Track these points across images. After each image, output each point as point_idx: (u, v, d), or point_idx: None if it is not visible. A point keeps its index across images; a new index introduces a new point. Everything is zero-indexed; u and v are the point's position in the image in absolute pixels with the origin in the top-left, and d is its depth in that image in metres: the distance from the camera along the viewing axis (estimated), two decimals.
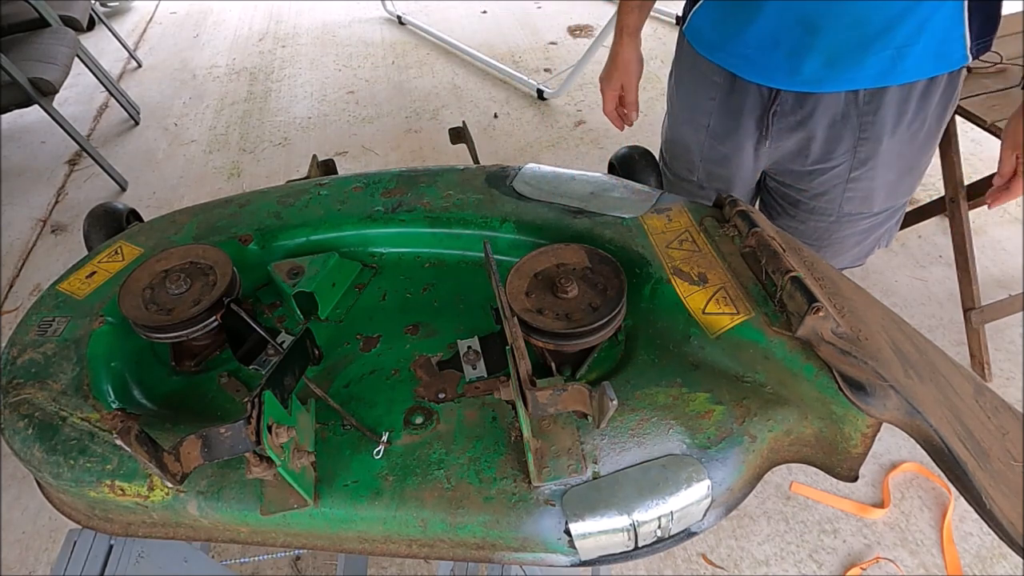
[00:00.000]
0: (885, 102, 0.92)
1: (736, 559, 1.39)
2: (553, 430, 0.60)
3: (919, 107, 0.93)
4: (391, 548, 0.61)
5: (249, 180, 2.66)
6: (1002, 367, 1.68)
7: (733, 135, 1.05)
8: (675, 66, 1.14)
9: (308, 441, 0.60)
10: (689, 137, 1.14)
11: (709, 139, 1.10)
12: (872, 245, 1.15)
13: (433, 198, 0.85)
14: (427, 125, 2.85)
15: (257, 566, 1.43)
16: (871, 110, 0.93)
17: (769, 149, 1.04)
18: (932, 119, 0.95)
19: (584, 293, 0.66)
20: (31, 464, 0.65)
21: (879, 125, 0.94)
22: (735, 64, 0.98)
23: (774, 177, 1.11)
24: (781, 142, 1.02)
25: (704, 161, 1.13)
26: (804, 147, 1.01)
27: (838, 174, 1.01)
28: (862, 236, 1.12)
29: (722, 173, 1.12)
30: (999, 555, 1.36)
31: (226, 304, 0.72)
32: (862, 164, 0.99)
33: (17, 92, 2.28)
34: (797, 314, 0.60)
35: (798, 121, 0.97)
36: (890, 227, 1.13)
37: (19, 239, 2.47)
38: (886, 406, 0.56)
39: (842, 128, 0.96)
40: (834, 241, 1.12)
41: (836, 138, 0.97)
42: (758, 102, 0.99)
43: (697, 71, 1.06)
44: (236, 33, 3.94)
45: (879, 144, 0.96)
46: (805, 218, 1.10)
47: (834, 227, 1.09)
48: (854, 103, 0.93)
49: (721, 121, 1.06)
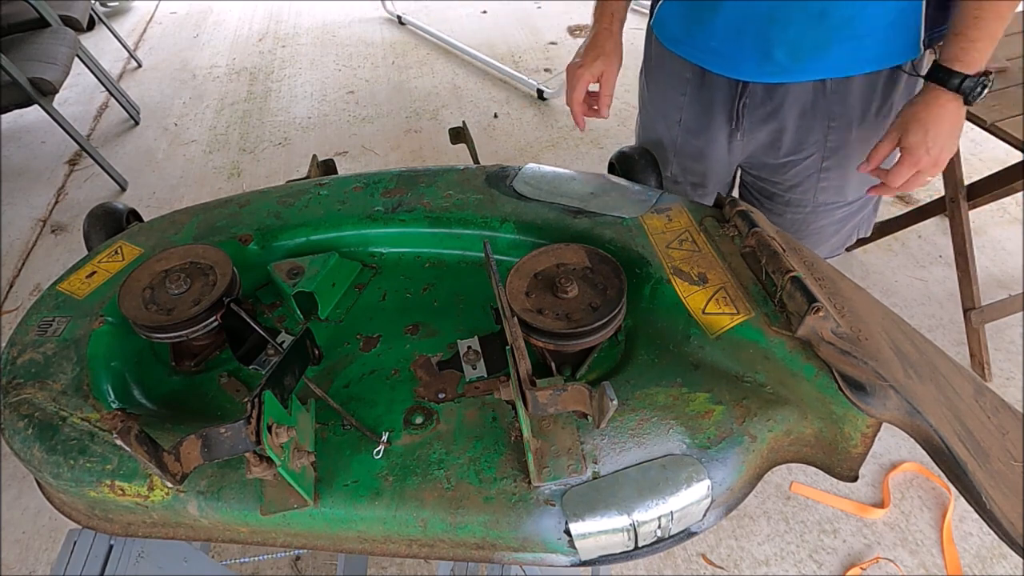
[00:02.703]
0: (851, 91, 0.94)
1: (736, 559, 1.39)
2: (553, 430, 0.60)
3: (884, 95, 0.95)
4: (391, 548, 0.61)
5: (249, 180, 2.66)
6: (1002, 367, 1.68)
7: (706, 129, 1.07)
8: (645, 63, 1.15)
9: (308, 441, 0.60)
10: (662, 132, 1.15)
11: (683, 133, 1.11)
12: (850, 233, 1.17)
13: (433, 198, 0.85)
14: (427, 125, 2.85)
15: (257, 566, 1.43)
16: (838, 99, 0.95)
17: (742, 142, 1.06)
18: (898, 106, 0.98)
19: (584, 293, 0.66)
20: (31, 464, 0.65)
21: (847, 114, 0.96)
22: (702, 58, 1.00)
23: (749, 171, 1.14)
24: (753, 134, 1.04)
25: (678, 156, 1.15)
26: (776, 139, 1.03)
27: (811, 164, 1.04)
28: (839, 225, 1.14)
29: (696, 167, 1.14)
30: (999, 555, 1.36)
31: (226, 304, 0.72)
32: (833, 153, 1.01)
33: (17, 92, 2.28)
34: (797, 314, 0.60)
35: (768, 113, 0.99)
36: (867, 214, 1.16)
37: (19, 239, 2.47)
38: (886, 406, 0.56)
39: (812, 118, 0.98)
40: (812, 232, 1.14)
41: (807, 128, 0.99)
42: (728, 95, 1.00)
43: (667, 67, 1.08)
44: (236, 33, 3.93)
45: (848, 133, 0.98)
46: (782, 211, 1.13)
47: (811, 218, 1.11)
48: (822, 93, 0.95)
49: (693, 115, 1.07)
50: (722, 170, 1.13)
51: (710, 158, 1.11)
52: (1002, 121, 1.41)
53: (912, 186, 0.90)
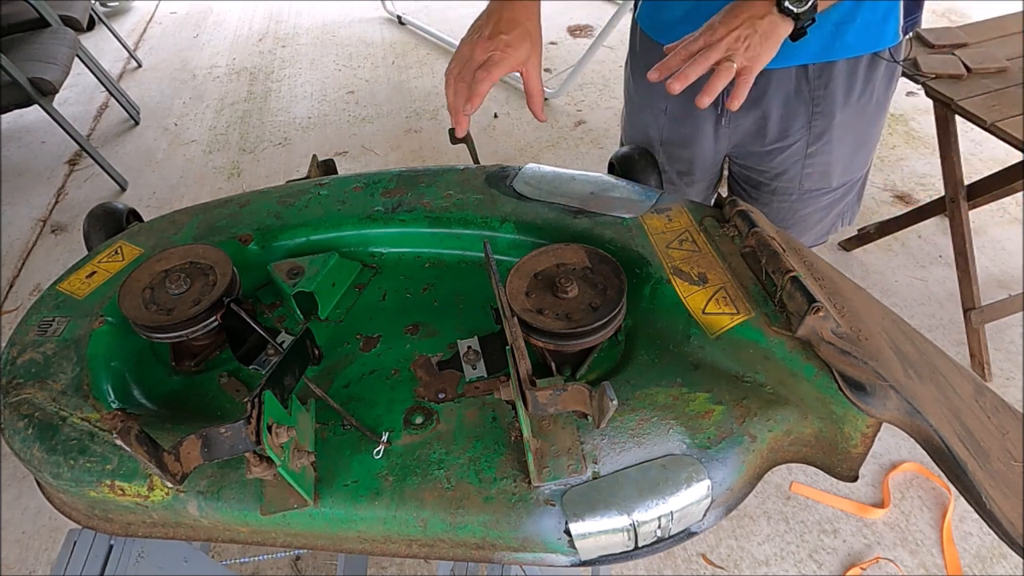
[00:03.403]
0: (834, 76, 0.96)
1: (736, 559, 1.39)
2: (553, 430, 0.60)
3: (866, 79, 0.98)
4: (391, 548, 0.61)
5: (249, 180, 2.66)
6: (1002, 367, 1.68)
7: (692, 116, 1.09)
8: (630, 55, 1.17)
9: (308, 441, 0.60)
10: (648, 121, 1.16)
11: (669, 121, 1.13)
12: (834, 221, 1.19)
13: (433, 198, 0.85)
14: (427, 125, 2.85)
15: (257, 566, 1.43)
16: (821, 84, 0.97)
17: (728, 129, 1.08)
18: (879, 91, 1.00)
19: (584, 293, 0.66)
20: (31, 464, 0.65)
21: (830, 99, 0.98)
22: None
23: (736, 161, 1.15)
24: (739, 122, 1.05)
25: (664, 144, 1.16)
26: (761, 126, 1.04)
27: (796, 151, 1.05)
28: (824, 212, 1.16)
29: (683, 155, 1.15)
30: (999, 555, 1.36)
31: (226, 304, 0.72)
32: (818, 139, 1.03)
33: (17, 92, 2.28)
34: (797, 314, 0.60)
35: (752, 99, 1.00)
36: (850, 202, 1.17)
37: (19, 239, 2.47)
38: (886, 406, 0.56)
39: (796, 104, 1.00)
40: (798, 220, 1.16)
41: (791, 114, 1.01)
42: None
43: (652, 57, 1.08)
44: (236, 33, 3.94)
45: (832, 118, 1.00)
46: (768, 199, 1.14)
47: (797, 205, 1.13)
48: (805, 78, 0.97)
49: (679, 103, 1.09)
50: (709, 158, 1.15)
51: (697, 146, 1.12)
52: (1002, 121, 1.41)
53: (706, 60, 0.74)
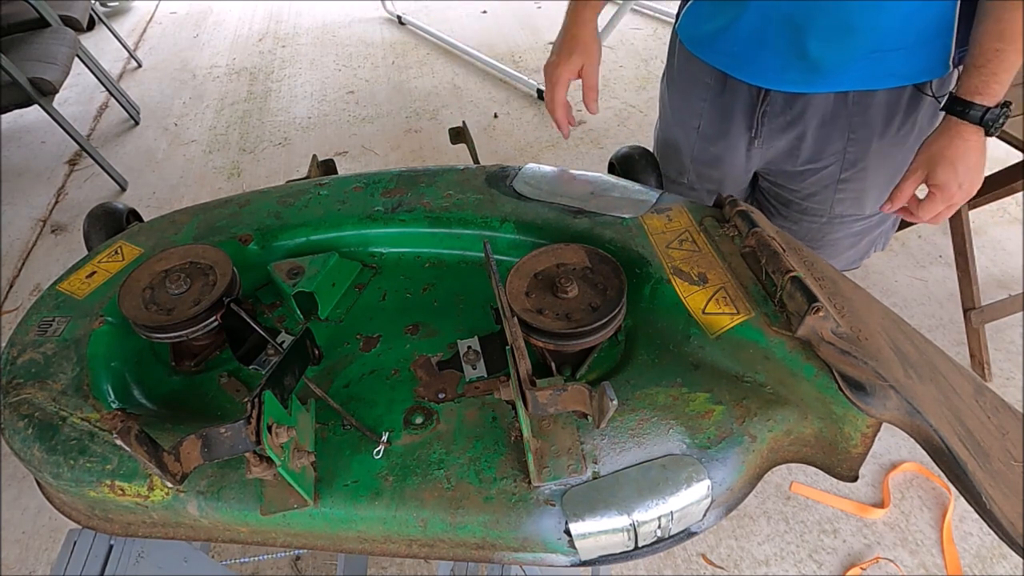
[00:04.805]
0: (873, 104, 0.92)
1: (736, 559, 1.39)
2: (553, 430, 0.60)
3: (908, 111, 0.93)
4: (391, 548, 0.61)
5: (249, 180, 2.66)
6: (1002, 367, 1.68)
7: (724, 136, 1.05)
8: (668, 67, 1.14)
9: (308, 441, 0.60)
10: (680, 138, 1.13)
11: (700, 141, 1.10)
12: (867, 248, 1.15)
13: (433, 198, 0.85)
14: (427, 125, 2.85)
15: (257, 566, 1.43)
16: (859, 111, 0.93)
17: (761, 149, 1.04)
18: (922, 124, 0.95)
19: (584, 293, 0.66)
20: (31, 464, 0.65)
21: (868, 127, 0.94)
22: (724, 62, 0.98)
23: (766, 177, 1.12)
24: (772, 142, 1.02)
25: (695, 163, 1.13)
26: (795, 147, 1.01)
27: (829, 175, 1.02)
28: (855, 239, 1.12)
29: (712, 174, 1.12)
30: (999, 555, 1.36)
31: (226, 304, 0.72)
32: (852, 166, 0.99)
33: (17, 92, 2.28)
34: (797, 314, 0.60)
35: (788, 121, 0.97)
36: (885, 230, 1.14)
37: (19, 239, 2.47)
38: (886, 406, 0.56)
39: (832, 129, 0.96)
40: (827, 243, 1.12)
41: (826, 138, 0.98)
42: (748, 102, 0.99)
43: (689, 71, 1.06)
44: (236, 33, 3.94)
45: (868, 146, 0.96)
46: (797, 218, 1.11)
47: (826, 228, 1.09)
48: (843, 104, 0.93)
49: (712, 122, 1.06)
50: (739, 177, 1.12)
51: (727, 165, 1.09)
52: None
53: (942, 219, 0.89)
